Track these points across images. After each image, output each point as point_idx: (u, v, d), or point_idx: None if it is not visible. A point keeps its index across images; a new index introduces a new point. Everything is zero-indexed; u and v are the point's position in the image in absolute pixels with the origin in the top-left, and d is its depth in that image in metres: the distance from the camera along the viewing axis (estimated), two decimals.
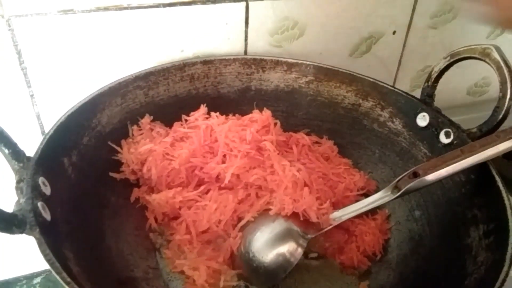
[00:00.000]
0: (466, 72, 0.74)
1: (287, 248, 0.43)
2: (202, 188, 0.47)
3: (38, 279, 0.58)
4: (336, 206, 0.47)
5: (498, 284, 0.30)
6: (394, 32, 0.63)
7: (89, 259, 0.36)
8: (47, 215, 0.33)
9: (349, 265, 0.46)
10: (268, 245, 0.43)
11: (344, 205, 0.46)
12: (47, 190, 0.35)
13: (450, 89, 0.74)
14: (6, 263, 0.56)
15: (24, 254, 0.54)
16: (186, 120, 0.50)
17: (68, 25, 0.46)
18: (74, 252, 0.34)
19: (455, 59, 0.46)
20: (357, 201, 0.46)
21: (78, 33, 0.47)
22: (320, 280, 0.44)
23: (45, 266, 0.29)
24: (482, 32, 0.70)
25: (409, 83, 0.71)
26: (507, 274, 0.31)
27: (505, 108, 0.41)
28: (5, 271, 0.57)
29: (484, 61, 0.43)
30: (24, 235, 0.31)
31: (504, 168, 0.56)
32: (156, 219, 0.46)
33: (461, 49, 0.45)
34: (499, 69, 0.42)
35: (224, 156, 0.47)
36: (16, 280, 0.57)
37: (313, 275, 0.44)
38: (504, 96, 0.41)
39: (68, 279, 0.28)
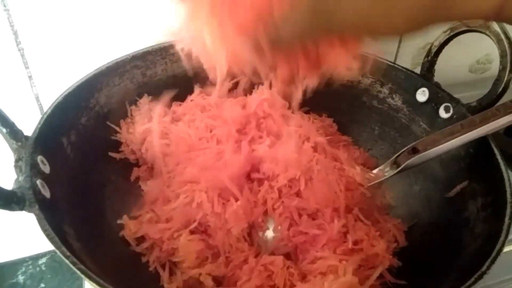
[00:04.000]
0: (468, 49, 0.72)
1: None
2: None
3: (43, 260, 0.59)
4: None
5: (494, 254, 0.30)
6: None
7: (90, 235, 0.36)
8: (46, 193, 0.33)
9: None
10: None
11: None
12: (46, 168, 0.35)
13: (451, 67, 0.73)
14: (12, 244, 0.57)
15: (29, 235, 0.55)
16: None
17: (65, 4, 0.46)
18: (75, 228, 0.35)
19: (455, 32, 0.45)
20: None
21: (75, 13, 0.46)
22: None
23: (50, 246, 0.29)
24: None
25: (410, 61, 0.70)
26: (503, 244, 0.31)
27: (505, 81, 0.41)
28: (11, 252, 0.58)
29: (484, 33, 0.42)
30: (27, 216, 0.31)
31: (506, 145, 0.55)
32: None
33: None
34: (499, 41, 0.41)
35: None
36: (22, 261, 0.58)
37: None
38: (504, 68, 0.41)
39: (68, 253, 0.29)
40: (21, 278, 0.57)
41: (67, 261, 0.29)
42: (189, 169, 0.42)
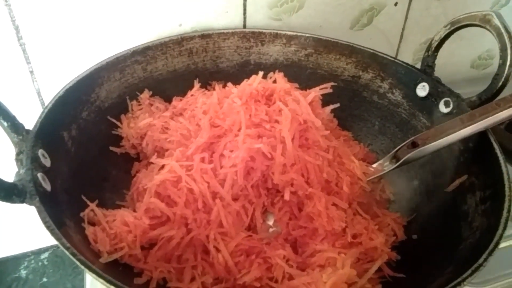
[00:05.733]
0: (469, 45, 0.72)
1: None
2: None
3: (45, 254, 0.59)
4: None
5: (491, 246, 0.31)
6: (396, 4, 0.62)
7: None
8: (47, 186, 0.34)
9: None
10: None
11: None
12: (47, 162, 0.35)
13: (453, 62, 0.73)
14: (14, 239, 0.58)
15: (31, 230, 0.55)
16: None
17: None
18: (75, 221, 0.35)
19: (455, 27, 0.45)
20: None
21: (76, 8, 0.47)
22: None
23: (53, 241, 0.30)
24: (486, 3, 0.69)
25: (411, 57, 0.70)
26: (500, 237, 0.31)
27: (504, 75, 0.41)
28: (14, 247, 0.58)
29: (485, 28, 0.42)
30: (30, 211, 0.31)
31: (507, 141, 0.55)
32: None
33: (462, 16, 0.44)
34: (499, 35, 0.41)
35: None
36: (24, 256, 0.59)
37: None
38: (504, 63, 0.41)
39: (68, 245, 0.29)
40: (23, 273, 0.57)
41: (67, 253, 0.29)
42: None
